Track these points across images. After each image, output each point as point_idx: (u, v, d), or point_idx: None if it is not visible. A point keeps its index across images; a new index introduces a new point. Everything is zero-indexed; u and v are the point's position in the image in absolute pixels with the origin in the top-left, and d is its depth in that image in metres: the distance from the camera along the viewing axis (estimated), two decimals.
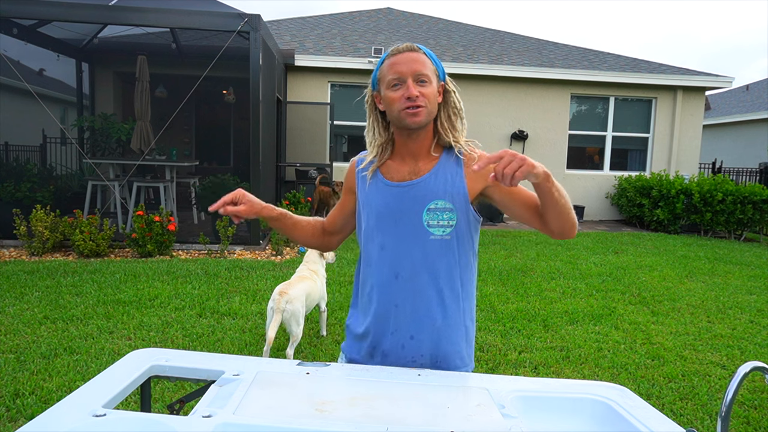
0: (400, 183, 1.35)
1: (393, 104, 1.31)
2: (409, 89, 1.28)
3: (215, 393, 1.03)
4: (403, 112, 1.29)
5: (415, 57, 1.31)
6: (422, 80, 1.30)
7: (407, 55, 1.31)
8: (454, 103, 1.40)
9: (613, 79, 10.38)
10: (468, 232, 1.35)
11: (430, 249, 1.32)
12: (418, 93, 1.28)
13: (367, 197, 1.39)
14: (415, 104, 1.28)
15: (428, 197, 1.32)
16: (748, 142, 17.58)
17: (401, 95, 1.29)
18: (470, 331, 1.40)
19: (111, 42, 8.44)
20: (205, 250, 6.34)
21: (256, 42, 6.30)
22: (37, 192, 6.64)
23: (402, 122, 1.31)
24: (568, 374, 3.24)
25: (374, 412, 0.99)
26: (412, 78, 1.29)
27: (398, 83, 1.30)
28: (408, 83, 1.29)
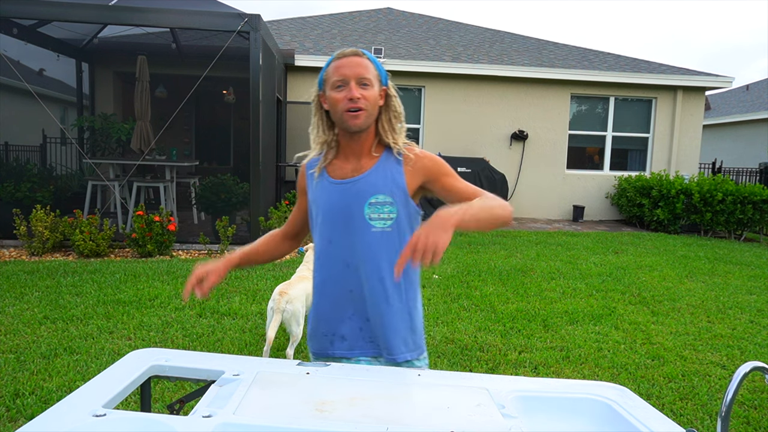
0: (343, 180, 1.44)
1: (336, 104, 1.39)
2: (351, 91, 1.37)
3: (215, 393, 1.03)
4: (345, 114, 1.38)
5: (359, 61, 1.40)
6: (364, 83, 1.38)
7: (352, 60, 1.40)
8: (395, 107, 1.48)
9: (613, 79, 10.38)
10: (409, 224, 1.44)
11: (372, 240, 1.41)
12: (359, 95, 1.37)
13: (315, 195, 1.49)
14: (356, 105, 1.37)
15: (369, 192, 1.41)
16: (748, 142, 17.58)
17: (344, 96, 1.37)
18: (415, 318, 1.48)
19: (111, 42, 8.44)
20: (205, 250, 6.34)
21: (256, 42, 6.30)
22: (37, 192, 6.64)
23: (344, 124, 1.40)
24: (568, 374, 3.24)
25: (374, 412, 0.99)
26: (355, 81, 1.38)
27: (342, 85, 1.38)
28: (351, 85, 1.37)
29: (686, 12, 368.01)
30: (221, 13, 6.36)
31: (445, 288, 5.02)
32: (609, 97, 10.79)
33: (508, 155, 10.55)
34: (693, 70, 11.08)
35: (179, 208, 7.78)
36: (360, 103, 1.37)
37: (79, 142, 8.60)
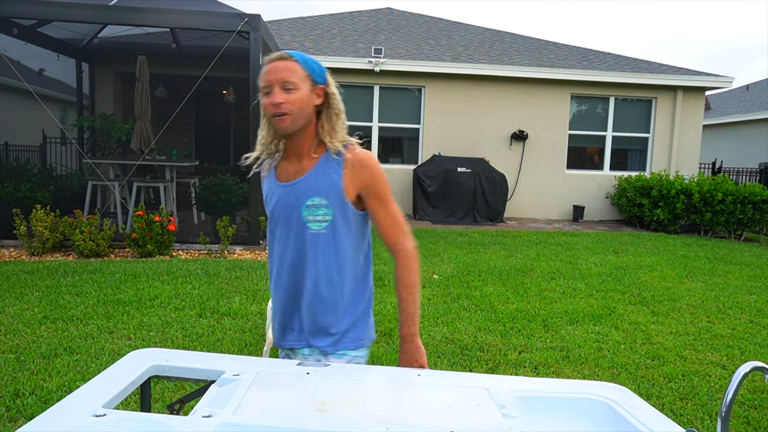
0: (286, 182, 1.49)
1: (265, 110, 1.43)
2: (273, 96, 1.39)
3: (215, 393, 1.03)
4: (273, 119, 1.42)
5: (283, 66, 1.41)
6: (288, 87, 1.39)
7: (276, 64, 1.41)
8: (335, 105, 1.48)
9: (613, 79, 10.38)
10: (347, 226, 1.48)
11: (308, 241, 1.47)
12: (282, 100, 1.39)
13: (266, 196, 1.56)
14: (279, 110, 1.39)
15: (307, 194, 1.46)
16: (748, 142, 17.58)
17: (269, 101, 1.40)
18: (352, 313, 1.52)
19: (111, 42, 8.44)
20: (205, 250, 6.34)
21: (256, 42, 6.30)
22: (37, 192, 6.64)
23: (273, 126, 1.45)
24: (568, 374, 3.24)
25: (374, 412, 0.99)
26: (279, 85, 1.39)
27: (268, 90, 1.41)
28: (274, 90, 1.40)
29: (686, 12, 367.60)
30: (221, 13, 6.36)
31: (445, 288, 5.03)
32: (609, 97, 10.79)
33: (508, 155, 10.55)
34: (693, 70, 11.08)
35: (179, 208, 7.78)
36: (283, 108, 1.39)
37: (79, 142, 8.60)
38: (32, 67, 8.89)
